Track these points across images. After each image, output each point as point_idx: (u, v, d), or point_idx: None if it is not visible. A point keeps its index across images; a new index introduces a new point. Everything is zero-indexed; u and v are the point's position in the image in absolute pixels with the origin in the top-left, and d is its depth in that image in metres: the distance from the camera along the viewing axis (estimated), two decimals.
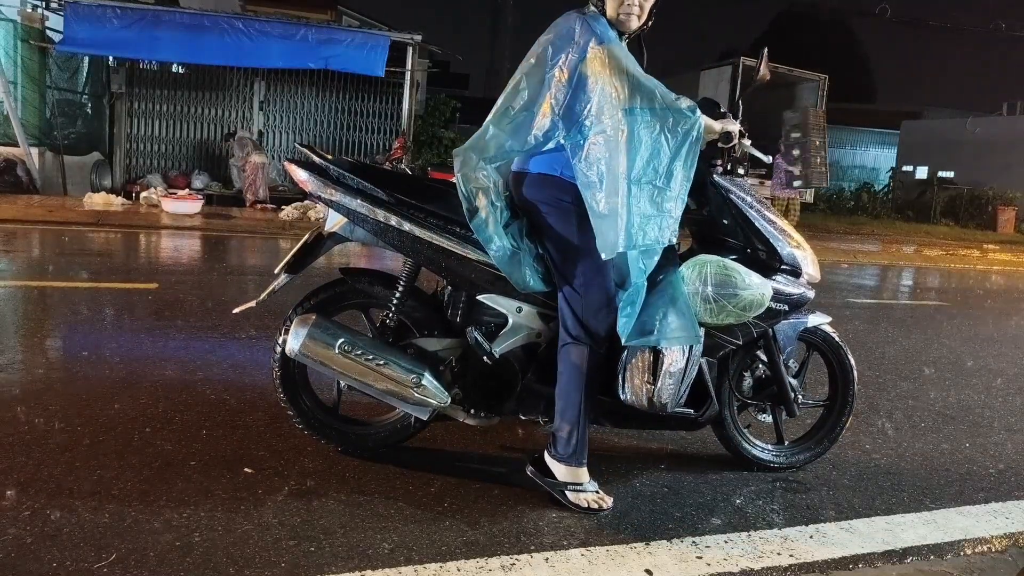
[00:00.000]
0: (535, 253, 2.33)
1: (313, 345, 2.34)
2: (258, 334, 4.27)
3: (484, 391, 2.49)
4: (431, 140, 13.25)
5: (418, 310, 2.53)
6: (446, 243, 2.36)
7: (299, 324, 2.37)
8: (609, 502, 2.36)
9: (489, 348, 2.40)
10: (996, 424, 3.60)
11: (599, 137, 2.17)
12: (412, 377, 2.36)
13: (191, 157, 12.41)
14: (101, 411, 2.86)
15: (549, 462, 2.39)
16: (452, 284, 2.50)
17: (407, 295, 2.50)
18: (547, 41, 2.25)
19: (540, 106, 2.21)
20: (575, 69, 2.19)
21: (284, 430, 2.80)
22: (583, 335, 2.29)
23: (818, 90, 14.09)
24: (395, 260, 2.88)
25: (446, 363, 2.48)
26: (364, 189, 2.36)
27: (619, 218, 2.16)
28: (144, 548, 1.93)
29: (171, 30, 10.70)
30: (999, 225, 19.90)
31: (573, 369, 2.31)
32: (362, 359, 2.36)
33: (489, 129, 2.28)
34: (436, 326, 2.52)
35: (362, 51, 11.29)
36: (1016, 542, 2.39)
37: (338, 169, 2.39)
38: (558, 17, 2.30)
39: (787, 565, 2.11)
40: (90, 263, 6.47)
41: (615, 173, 2.15)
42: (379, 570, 1.91)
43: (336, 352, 2.35)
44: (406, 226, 2.34)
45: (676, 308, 2.31)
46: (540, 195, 2.31)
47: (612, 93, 2.16)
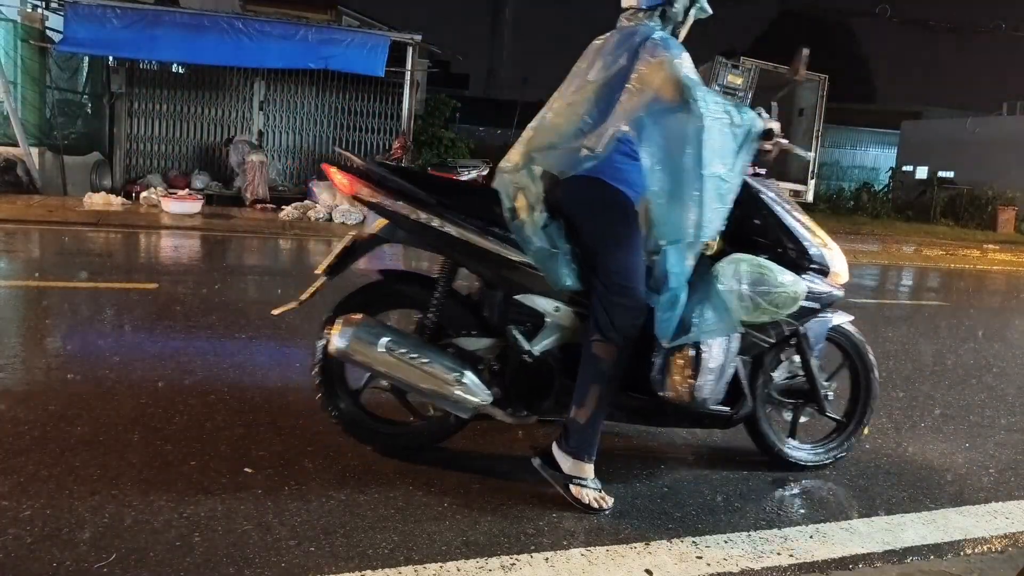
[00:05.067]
0: (572, 253, 2.37)
1: (359, 345, 2.38)
2: (258, 334, 4.27)
3: (522, 390, 2.52)
4: (431, 140, 13.24)
5: (455, 310, 2.56)
6: (486, 244, 2.40)
7: (346, 324, 2.40)
8: (610, 503, 2.37)
9: (528, 347, 2.45)
10: (996, 424, 3.60)
11: (673, 135, 2.27)
12: (454, 376, 2.39)
13: (191, 157, 12.39)
14: (101, 411, 2.85)
15: (557, 454, 2.39)
16: (489, 284, 2.55)
17: (445, 295, 2.53)
18: (610, 50, 2.37)
19: (611, 110, 2.30)
20: (643, 75, 2.28)
21: (284, 430, 2.80)
22: (613, 333, 2.32)
23: (818, 90, 14.09)
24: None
25: (485, 362, 2.51)
26: (406, 191, 2.40)
27: (694, 209, 2.27)
28: (144, 548, 1.93)
29: (171, 30, 10.69)
30: (999, 225, 19.88)
31: (598, 365, 2.34)
32: (407, 358, 2.38)
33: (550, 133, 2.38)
34: (473, 326, 2.55)
35: (362, 51, 11.28)
36: (1016, 542, 2.39)
37: (380, 172, 2.43)
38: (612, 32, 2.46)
39: (787, 565, 2.11)
40: (90, 263, 6.47)
41: (691, 167, 2.25)
42: (379, 570, 1.91)
43: (382, 351, 2.37)
44: (448, 228, 2.39)
45: (712, 303, 2.36)
46: (582, 197, 2.38)
47: (679, 94, 2.26)
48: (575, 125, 2.36)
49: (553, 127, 2.41)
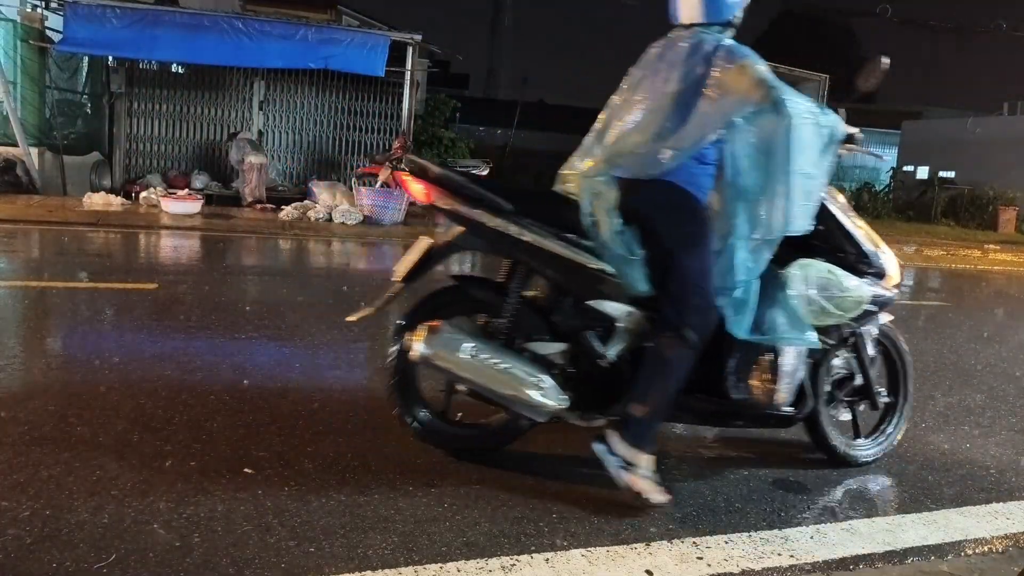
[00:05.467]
0: (645, 258, 2.42)
1: (444, 351, 2.41)
2: (258, 334, 4.27)
3: (594, 393, 2.55)
4: (431, 140, 13.24)
5: (527, 315, 2.58)
6: (562, 251, 2.44)
7: (430, 330, 2.42)
8: (667, 498, 2.38)
9: (604, 352, 2.49)
10: (996, 424, 3.60)
11: (764, 134, 2.37)
12: (534, 381, 2.42)
13: (191, 157, 12.38)
14: (101, 411, 2.85)
15: (613, 441, 2.40)
16: (561, 290, 2.56)
17: (518, 301, 2.55)
18: (683, 60, 2.42)
19: (689, 117, 2.36)
20: (723, 80, 2.35)
21: (284, 430, 2.80)
22: (689, 333, 2.36)
23: (818, 90, 14.08)
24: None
25: (558, 366, 2.54)
26: (484, 199, 2.44)
27: (783, 206, 2.35)
28: (144, 548, 1.93)
29: (171, 30, 10.67)
30: (1000, 225, 19.88)
31: (666, 363, 2.38)
32: (489, 364, 2.41)
33: (631, 140, 2.43)
34: (544, 331, 2.57)
35: (362, 51, 11.27)
36: (1016, 542, 2.39)
37: (458, 180, 2.47)
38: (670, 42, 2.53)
39: (787, 565, 2.10)
40: (90, 263, 6.47)
41: (781, 164, 2.35)
42: (379, 570, 1.91)
43: (466, 357, 2.40)
44: (525, 235, 2.43)
45: (783, 308, 2.47)
46: (658, 201, 2.44)
47: (766, 95, 2.33)
48: (655, 132, 2.40)
49: (634, 134, 2.45)
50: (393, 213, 10.26)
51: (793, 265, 2.51)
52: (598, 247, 2.42)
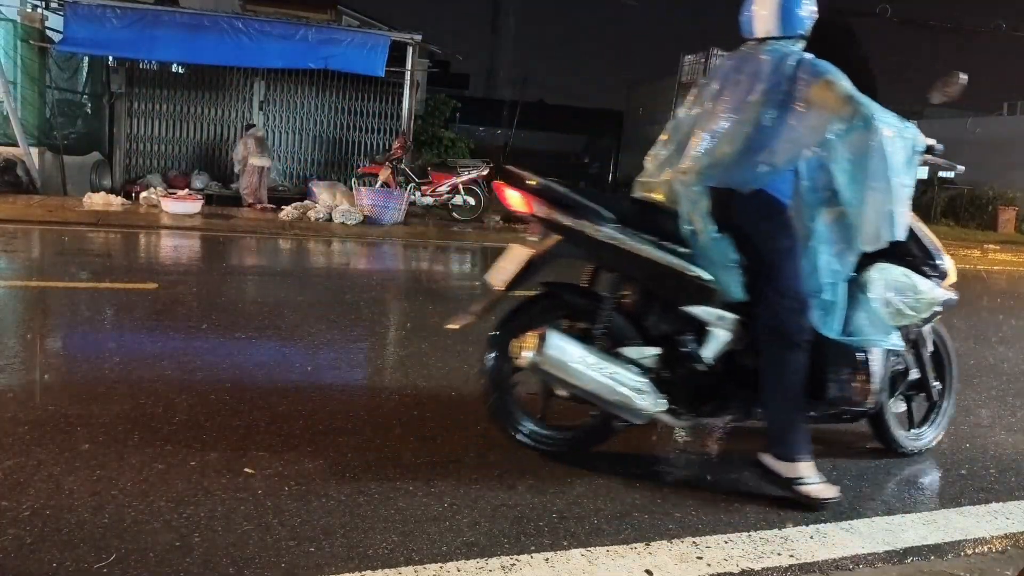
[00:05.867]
0: (741, 265, 2.51)
1: (554, 357, 2.44)
2: (258, 334, 4.27)
3: (689, 395, 2.63)
4: (431, 140, 13.24)
5: (621, 321, 2.63)
6: (662, 259, 2.50)
7: (539, 337, 2.45)
8: (837, 491, 2.49)
9: (702, 356, 2.56)
10: (996, 424, 3.60)
11: (857, 148, 2.45)
12: (636, 385, 2.50)
13: (191, 157, 12.39)
14: (101, 411, 2.85)
15: (767, 462, 2.51)
16: (655, 296, 2.62)
17: (614, 308, 2.60)
18: (767, 73, 2.51)
19: (780, 130, 2.46)
20: (809, 95, 2.44)
21: (284, 430, 2.80)
22: (790, 337, 2.46)
23: None
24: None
25: (653, 370, 2.60)
26: (585, 208, 2.50)
27: (887, 215, 2.45)
28: (144, 548, 1.93)
29: (171, 30, 10.68)
30: (1000, 225, 19.87)
31: (782, 370, 2.47)
32: (596, 369, 2.47)
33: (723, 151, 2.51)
34: (636, 336, 2.63)
35: (362, 51, 11.27)
36: (1016, 542, 2.39)
37: (558, 190, 2.52)
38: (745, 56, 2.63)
39: (787, 565, 2.10)
40: (90, 263, 6.47)
41: (879, 176, 2.44)
42: (379, 570, 1.91)
43: (577, 364, 2.45)
44: (627, 244, 2.49)
45: (868, 312, 2.59)
46: (750, 210, 2.53)
47: (851, 109, 2.42)
48: (745, 144, 2.49)
49: (724, 145, 2.52)
50: (393, 213, 10.26)
51: (872, 269, 2.62)
52: (695, 254, 2.50)
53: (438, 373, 3.71)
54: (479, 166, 11.54)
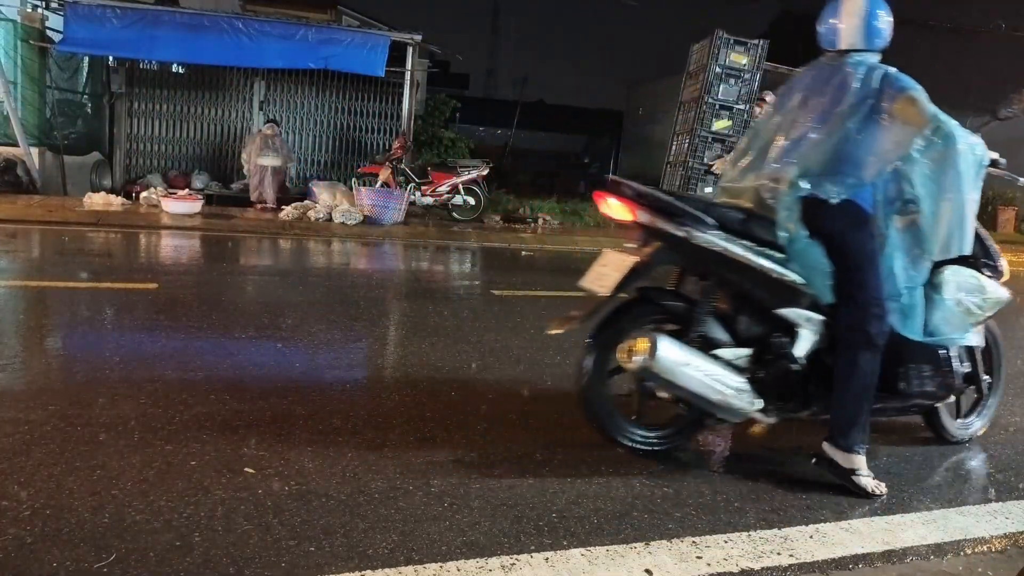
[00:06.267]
0: (829, 270, 2.64)
1: (664, 361, 2.54)
2: (258, 334, 4.27)
3: (780, 394, 2.75)
4: (431, 140, 13.23)
5: (714, 325, 2.73)
6: (760, 264, 2.62)
7: (650, 341, 2.55)
8: (884, 488, 2.62)
9: (796, 356, 2.69)
10: (996, 424, 3.60)
11: (935, 161, 2.62)
12: (736, 386, 2.64)
13: (191, 157, 12.40)
14: (101, 411, 2.86)
15: (829, 451, 2.64)
16: (748, 299, 2.73)
17: (709, 312, 2.71)
18: (851, 84, 2.62)
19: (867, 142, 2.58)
20: (894, 109, 2.57)
21: (284, 430, 2.81)
22: (870, 338, 2.58)
23: None
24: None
25: (747, 371, 2.72)
26: (686, 215, 2.60)
27: (960, 226, 2.64)
28: (144, 548, 1.93)
29: (171, 30, 10.68)
30: (999, 225, 19.85)
31: (857, 368, 2.60)
32: (701, 372, 2.58)
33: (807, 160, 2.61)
34: (728, 339, 2.73)
35: (362, 51, 11.27)
36: (1016, 542, 2.39)
37: (661, 198, 2.62)
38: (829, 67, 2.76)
39: (787, 565, 2.11)
40: (90, 263, 6.47)
41: (954, 189, 2.61)
42: (379, 570, 1.91)
43: (685, 367, 2.57)
44: (730, 250, 2.60)
45: (944, 311, 2.77)
46: (840, 218, 2.63)
47: (929, 124, 2.57)
48: (833, 154, 2.60)
49: (813, 153, 2.63)
50: (393, 213, 10.27)
51: (945, 271, 2.77)
52: (788, 258, 2.64)
53: (438, 373, 3.71)
54: (479, 166, 11.53)
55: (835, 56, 2.75)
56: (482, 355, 4.11)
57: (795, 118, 2.75)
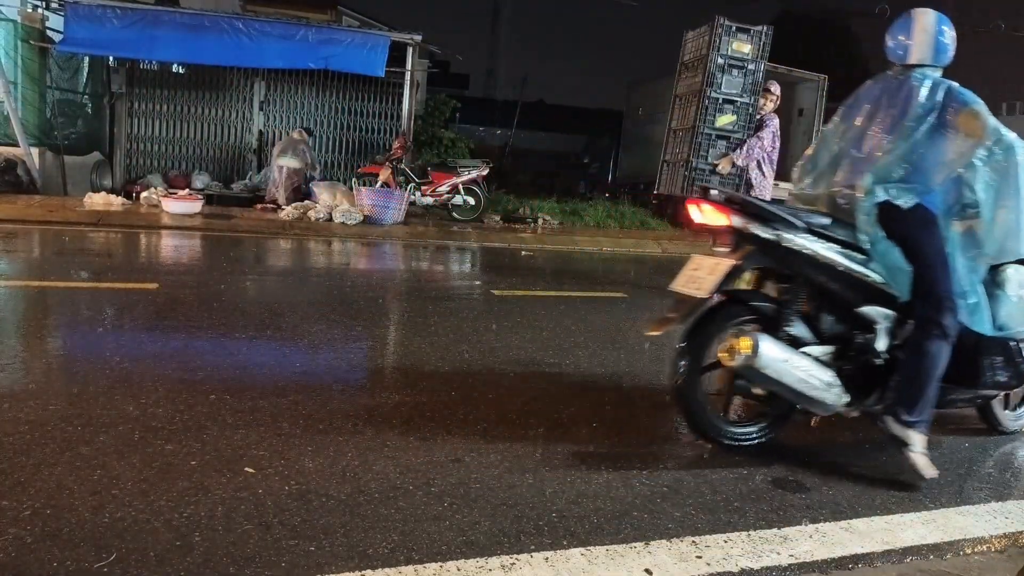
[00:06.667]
0: (908, 269, 2.81)
1: (768, 359, 2.69)
2: (258, 334, 4.27)
3: (862, 386, 2.90)
4: (431, 140, 13.23)
5: (800, 324, 2.88)
6: (847, 266, 2.80)
7: (756, 340, 2.69)
8: (936, 473, 2.75)
9: (880, 351, 2.86)
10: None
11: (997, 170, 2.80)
12: (828, 381, 2.80)
13: (191, 157, 12.40)
14: (101, 411, 2.86)
15: (891, 425, 2.81)
16: (834, 299, 2.88)
17: (797, 311, 2.86)
18: (919, 98, 2.82)
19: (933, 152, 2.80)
20: (959, 122, 2.77)
21: (284, 430, 2.81)
22: (943, 329, 2.76)
23: (818, 90, 14.08)
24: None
25: (834, 367, 2.86)
26: (778, 219, 2.76)
27: (1013, 231, 2.81)
28: (144, 548, 1.93)
29: (171, 30, 10.69)
30: None
31: (929, 354, 2.77)
32: (798, 369, 2.75)
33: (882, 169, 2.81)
34: (812, 336, 2.88)
35: (362, 51, 11.28)
36: (1015, 542, 2.39)
37: (753, 203, 2.80)
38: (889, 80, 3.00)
39: (787, 565, 2.11)
40: (90, 263, 6.47)
41: (1014, 195, 2.79)
42: (379, 570, 1.91)
43: (784, 364, 2.72)
44: (819, 253, 2.77)
45: (1011, 306, 2.94)
46: (912, 221, 2.82)
47: (989, 137, 2.76)
48: (905, 162, 2.81)
49: (889, 162, 2.82)
50: (393, 213, 10.27)
51: (1008, 270, 2.94)
52: (871, 260, 2.82)
53: (438, 373, 3.71)
54: (479, 166, 11.54)
55: (902, 70, 2.95)
56: (482, 355, 4.11)
57: (865, 129, 2.95)
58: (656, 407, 3.47)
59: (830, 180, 3.00)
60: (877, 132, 2.91)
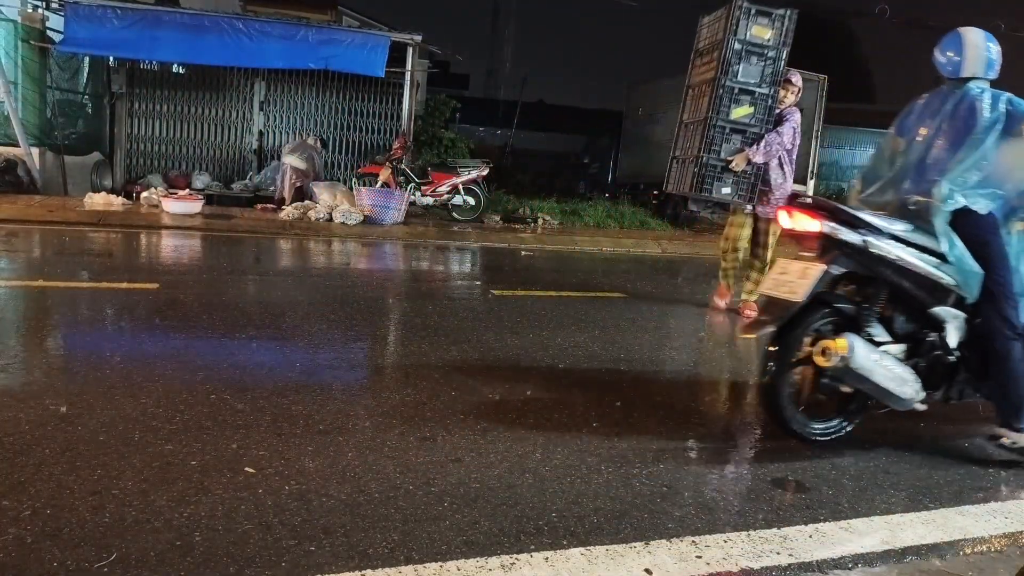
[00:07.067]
0: (981, 272, 2.97)
1: (862, 358, 2.85)
2: (258, 334, 4.27)
3: (933, 382, 3.08)
4: (431, 140, 13.23)
5: (876, 324, 3.03)
6: (926, 269, 2.97)
7: (847, 342, 2.84)
8: None
9: (953, 348, 3.04)
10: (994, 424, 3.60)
11: None
12: (907, 376, 2.97)
13: (192, 157, 12.40)
14: (101, 411, 2.86)
15: (1005, 433, 3.01)
16: (909, 300, 3.03)
17: (877, 312, 3.02)
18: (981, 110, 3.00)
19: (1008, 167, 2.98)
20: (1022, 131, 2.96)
21: (284, 430, 2.81)
22: (1015, 328, 2.94)
23: (818, 90, 14.08)
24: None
25: (910, 363, 3.03)
26: (865, 224, 2.94)
27: None
28: (145, 548, 1.93)
29: (171, 30, 10.69)
30: None
31: (1011, 357, 2.94)
32: (885, 367, 2.91)
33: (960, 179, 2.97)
34: (886, 337, 3.03)
35: (362, 51, 11.28)
36: (1015, 542, 2.39)
37: (843, 210, 2.96)
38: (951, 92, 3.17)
39: (786, 564, 2.11)
40: (91, 263, 6.48)
41: None
42: (379, 570, 1.91)
43: (874, 362, 2.88)
44: (904, 257, 2.94)
45: None
46: (984, 226, 3.00)
47: None
48: (977, 172, 2.96)
49: (964, 173, 2.97)
50: (393, 213, 10.27)
51: None
52: (948, 262, 2.97)
53: (438, 373, 3.71)
54: (479, 166, 11.54)
55: (956, 84, 3.14)
56: (482, 355, 4.11)
57: (931, 140, 3.13)
58: (656, 407, 3.47)
59: (899, 188, 3.16)
60: (943, 143, 3.08)
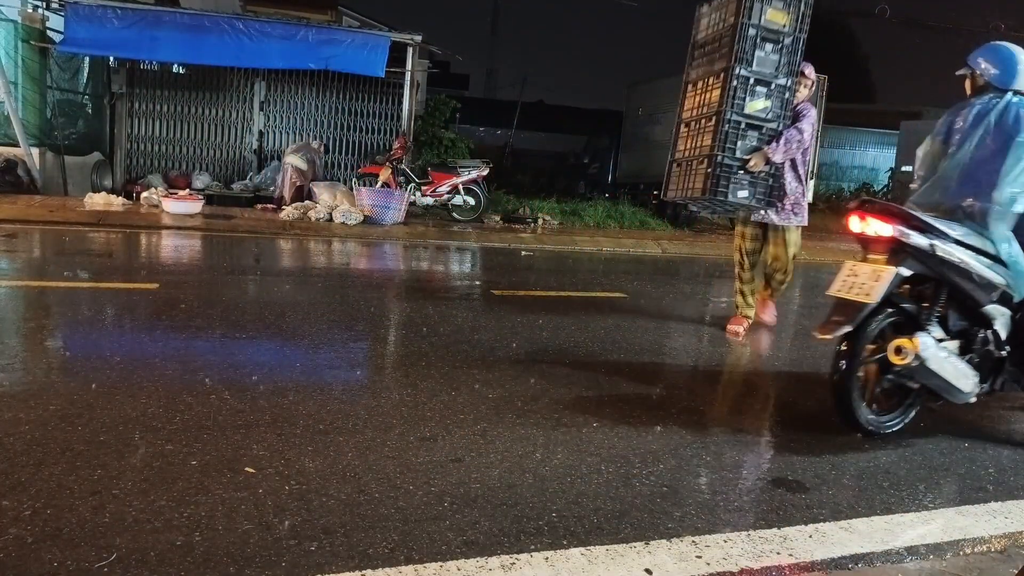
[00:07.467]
0: None
1: (932, 356, 2.99)
2: (258, 334, 4.27)
3: (985, 376, 3.24)
4: (431, 140, 13.23)
5: (936, 322, 3.16)
6: (983, 271, 3.11)
7: (924, 339, 2.98)
8: None
9: (1004, 343, 3.25)
10: (996, 423, 3.61)
11: None
12: (967, 372, 3.13)
13: (192, 157, 12.40)
14: (101, 411, 2.86)
15: None
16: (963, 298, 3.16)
17: (936, 311, 3.15)
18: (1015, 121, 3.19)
19: None
20: None
21: (284, 430, 2.81)
22: None
23: (818, 90, 14.08)
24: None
25: (966, 358, 3.18)
26: (932, 228, 3.06)
27: None
28: (145, 548, 1.93)
29: (171, 30, 10.69)
30: None
31: None
32: (951, 364, 3.07)
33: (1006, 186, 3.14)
34: (943, 334, 3.16)
35: (362, 51, 11.28)
36: (1016, 542, 2.39)
37: (911, 214, 3.09)
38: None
39: (786, 564, 2.11)
40: (91, 263, 6.48)
41: None
42: (379, 570, 1.91)
43: (943, 359, 3.04)
44: (966, 260, 3.08)
45: None
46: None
47: None
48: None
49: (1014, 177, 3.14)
50: (393, 213, 10.27)
51: None
52: (1002, 263, 3.14)
53: (438, 373, 3.71)
54: (479, 166, 11.54)
55: (998, 93, 3.28)
56: (482, 355, 4.11)
57: (979, 148, 3.25)
58: (656, 407, 3.47)
59: (947, 191, 3.30)
60: (989, 149, 3.22)
